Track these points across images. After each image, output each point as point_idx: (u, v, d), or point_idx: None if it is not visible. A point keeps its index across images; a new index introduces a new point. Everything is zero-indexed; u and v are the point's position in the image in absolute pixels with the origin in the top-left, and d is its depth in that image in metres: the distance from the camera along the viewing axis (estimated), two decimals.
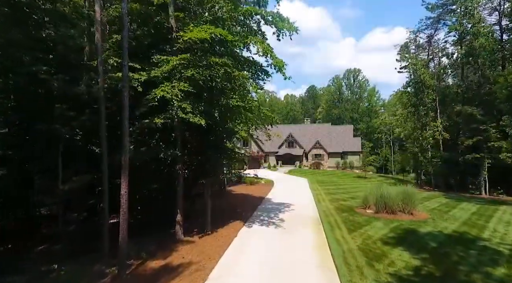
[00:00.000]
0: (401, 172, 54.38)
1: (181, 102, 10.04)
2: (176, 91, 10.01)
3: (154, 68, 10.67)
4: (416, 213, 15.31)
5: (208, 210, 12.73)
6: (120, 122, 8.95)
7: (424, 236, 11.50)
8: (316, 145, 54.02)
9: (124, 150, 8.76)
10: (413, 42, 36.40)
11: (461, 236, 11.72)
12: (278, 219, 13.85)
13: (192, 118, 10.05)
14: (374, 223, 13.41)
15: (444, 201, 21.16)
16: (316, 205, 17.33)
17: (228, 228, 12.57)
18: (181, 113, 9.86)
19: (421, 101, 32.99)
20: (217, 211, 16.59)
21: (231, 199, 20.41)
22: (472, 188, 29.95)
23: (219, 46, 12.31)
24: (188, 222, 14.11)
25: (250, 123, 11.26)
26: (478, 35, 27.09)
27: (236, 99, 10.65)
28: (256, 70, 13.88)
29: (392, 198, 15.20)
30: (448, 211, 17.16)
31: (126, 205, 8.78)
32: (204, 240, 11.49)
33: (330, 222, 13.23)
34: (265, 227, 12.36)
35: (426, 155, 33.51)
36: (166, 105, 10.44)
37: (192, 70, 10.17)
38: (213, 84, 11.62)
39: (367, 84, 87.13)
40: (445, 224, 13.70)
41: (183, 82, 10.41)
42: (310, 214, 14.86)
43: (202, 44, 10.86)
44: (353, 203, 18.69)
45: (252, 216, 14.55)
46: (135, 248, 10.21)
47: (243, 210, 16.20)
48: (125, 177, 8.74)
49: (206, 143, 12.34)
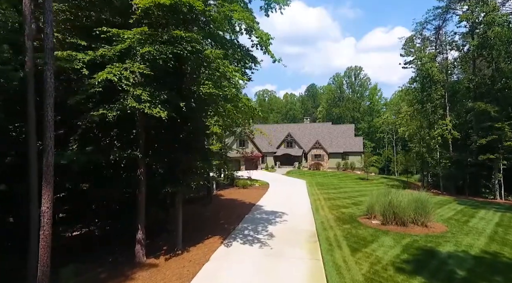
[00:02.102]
0: (405, 174, 51.89)
1: (134, 88, 7.69)
2: (127, 73, 7.65)
3: (105, 46, 8.34)
4: (431, 225, 12.93)
5: (179, 224, 10.36)
6: (42, 113, 6.57)
7: (447, 259, 9.10)
8: (315, 145, 51.55)
9: (45, 149, 6.38)
10: (419, 35, 33.91)
11: (495, 258, 9.32)
12: (266, 234, 11.45)
13: (149, 109, 7.71)
14: (382, 239, 11.03)
15: (459, 208, 18.73)
16: (313, 214, 14.93)
17: (202, 247, 10.20)
18: (132, 102, 7.50)
19: (429, 97, 30.53)
20: (197, 222, 14.25)
21: (218, 206, 18.03)
22: (485, 191, 27.46)
23: (192, 24, 9.92)
24: (159, 236, 11.76)
25: (228, 116, 8.88)
26: (492, 24, 24.61)
27: (209, 86, 8.29)
28: (242, 55, 11.68)
29: (403, 207, 12.82)
30: (467, 221, 14.75)
31: (48, 226, 6.41)
32: (170, 263, 9.13)
33: (329, 239, 10.83)
34: (247, 246, 9.94)
35: (434, 156, 31.06)
36: (118, 92, 8.10)
37: (149, 46, 7.81)
38: (182, 66, 9.27)
39: (369, 83, 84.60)
40: (468, 239, 11.30)
41: (140, 62, 8.06)
42: (306, 227, 12.46)
43: (165, 14, 8.50)
44: (355, 211, 16.31)
45: (235, 230, 12.15)
46: (72, 277, 7.85)
47: (227, 220, 13.82)
48: (47, 188, 6.36)
49: (175, 142, 9.99)
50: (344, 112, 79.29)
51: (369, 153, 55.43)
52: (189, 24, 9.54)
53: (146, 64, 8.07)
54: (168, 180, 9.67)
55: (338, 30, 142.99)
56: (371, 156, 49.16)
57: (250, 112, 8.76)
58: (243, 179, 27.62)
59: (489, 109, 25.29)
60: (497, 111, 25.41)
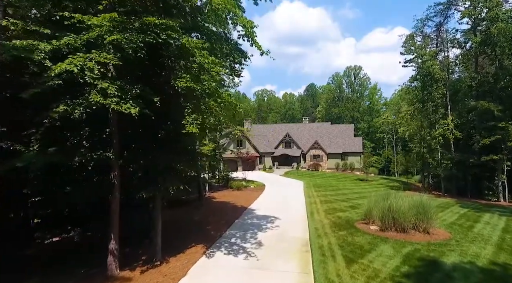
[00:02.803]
0: (405, 174, 50.97)
1: (100, 81, 6.80)
2: (92, 64, 6.75)
3: (70, 35, 7.45)
4: (433, 231, 12.05)
5: (158, 232, 9.46)
6: None
7: (452, 272, 8.21)
8: (314, 145, 50.61)
9: None
10: (420, 33, 32.98)
11: (505, 271, 8.42)
12: (254, 242, 10.54)
13: (116, 105, 6.82)
14: (381, 248, 10.14)
15: (462, 212, 17.82)
16: (308, 219, 14.03)
17: (183, 257, 9.29)
18: (96, 97, 6.60)
19: (430, 96, 29.60)
20: (183, 227, 13.35)
21: (208, 209, 17.12)
22: (488, 194, 26.53)
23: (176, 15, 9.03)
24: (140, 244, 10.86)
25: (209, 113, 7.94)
26: (496, 19, 23.70)
27: (186, 79, 7.40)
28: (230, 49, 10.87)
29: (403, 212, 11.93)
30: (471, 226, 13.85)
31: None
32: (145, 277, 8.22)
33: (322, 248, 9.93)
34: (231, 257, 9.03)
35: (435, 156, 30.14)
36: (83, 86, 7.22)
37: (117, 34, 6.91)
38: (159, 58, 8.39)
39: (369, 82, 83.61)
40: (474, 248, 10.40)
41: (108, 52, 7.17)
42: (298, 234, 11.55)
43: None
44: (353, 215, 15.42)
45: (222, 237, 11.25)
46: None
47: (215, 226, 12.92)
48: None
49: (153, 142, 9.11)
50: (344, 112, 78.35)
51: (369, 154, 54.53)
52: (172, 15, 8.64)
53: (117, 54, 7.17)
54: (144, 184, 8.77)
55: (338, 31, 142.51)
56: (370, 157, 48.25)
57: (231, 108, 7.84)
58: (237, 180, 26.68)
59: (492, 108, 24.38)
60: (500, 110, 24.49)
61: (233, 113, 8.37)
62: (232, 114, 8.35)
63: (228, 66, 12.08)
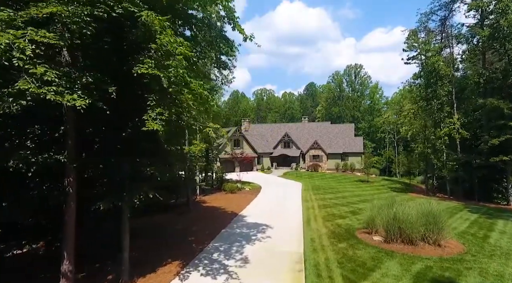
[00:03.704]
0: (407, 175, 49.42)
1: (33, 65, 5.36)
2: (25, 43, 5.30)
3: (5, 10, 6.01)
4: (445, 243, 10.62)
5: (125, 248, 8.03)
6: None
7: None
8: (314, 145, 49.06)
9: None
10: (423, 29, 31.48)
11: None
12: (239, 258, 9.08)
13: (54, 95, 5.37)
14: (387, 265, 8.71)
15: (473, 218, 16.37)
16: (303, 228, 12.58)
17: (153, 278, 7.86)
18: (24, 84, 5.17)
19: (434, 94, 28.08)
20: (161, 238, 11.83)
21: (195, 216, 15.64)
22: (497, 197, 25.05)
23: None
24: (108, 261, 9.39)
25: (178, 105, 6.46)
26: (506, 11, 22.22)
27: (149, 64, 5.98)
28: (214, 37, 9.57)
29: (412, 222, 10.49)
30: (486, 236, 12.41)
31: None
32: None
33: (318, 266, 8.48)
34: (209, 280, 7.57)
35: (440, 157, 28.64)
36: (8, 70, 5.79)
37: (57, 6, 5.48)
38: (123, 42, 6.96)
39: (369, 81, 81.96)
40: (495, 265, 8.97)
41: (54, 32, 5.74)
42: (291, 248, 10.09)
43: None
44: (354, 222, 13.99)
45: (203, 251, 9.78)
46: None
47: (198, 237, 11.45)
48: None
49: (117, 142, 7.69)
50: (344, 111, 76.77)
51: (370, 154, 52.99)
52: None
53: (56, 33, 5.72)
54: (105, 191, 7.35)
55: (338, 31, 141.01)
56: (371, 157, 46.75)
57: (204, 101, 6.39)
58: (231, 182, 25.22)
59: (502, 106, 22.89)
60: (510, 108, 23.00)
61: (206, 107, 6.93)
62: (205, 108, 6.93)
63: (213, 57, 10.71)
